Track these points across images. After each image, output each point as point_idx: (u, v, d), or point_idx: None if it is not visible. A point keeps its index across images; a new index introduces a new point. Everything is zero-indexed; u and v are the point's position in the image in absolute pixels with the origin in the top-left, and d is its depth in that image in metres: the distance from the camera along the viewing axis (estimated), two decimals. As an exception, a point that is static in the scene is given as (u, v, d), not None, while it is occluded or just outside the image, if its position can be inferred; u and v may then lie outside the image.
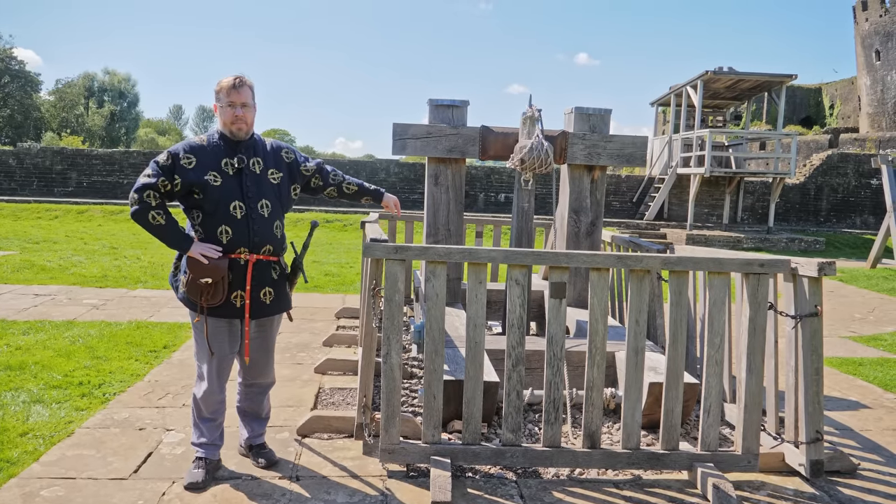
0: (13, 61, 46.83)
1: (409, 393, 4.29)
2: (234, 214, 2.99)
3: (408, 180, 20.88)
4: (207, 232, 3.00)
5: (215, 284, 2.95)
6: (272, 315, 3.20)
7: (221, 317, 3.05)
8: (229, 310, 3.04)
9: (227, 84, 3.01)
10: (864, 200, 21.61)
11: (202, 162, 3.00)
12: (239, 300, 3.04)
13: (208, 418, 3.18)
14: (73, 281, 8.40)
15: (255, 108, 3.10)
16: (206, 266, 2.94)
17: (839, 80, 40.03)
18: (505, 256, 3.18)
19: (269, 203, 3.08)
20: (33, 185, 20.70)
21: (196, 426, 3.21)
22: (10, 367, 4.69)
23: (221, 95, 3.03)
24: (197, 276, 2.95)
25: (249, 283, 3.03)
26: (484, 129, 4.99)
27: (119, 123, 56.89)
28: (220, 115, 3.07)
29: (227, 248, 3.00)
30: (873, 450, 3.84)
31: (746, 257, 3.34)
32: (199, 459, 3.14)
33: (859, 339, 6.91)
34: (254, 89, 3.08)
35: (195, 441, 3.20)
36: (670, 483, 3.28)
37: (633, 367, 3.23)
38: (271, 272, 3.12)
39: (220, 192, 2.99)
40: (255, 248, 3.03)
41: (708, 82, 17.96)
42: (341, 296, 8.12)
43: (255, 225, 3.03)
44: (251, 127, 3.10)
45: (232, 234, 2.99)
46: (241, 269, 3.02)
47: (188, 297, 3.02)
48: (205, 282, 2.93)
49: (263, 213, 3.05)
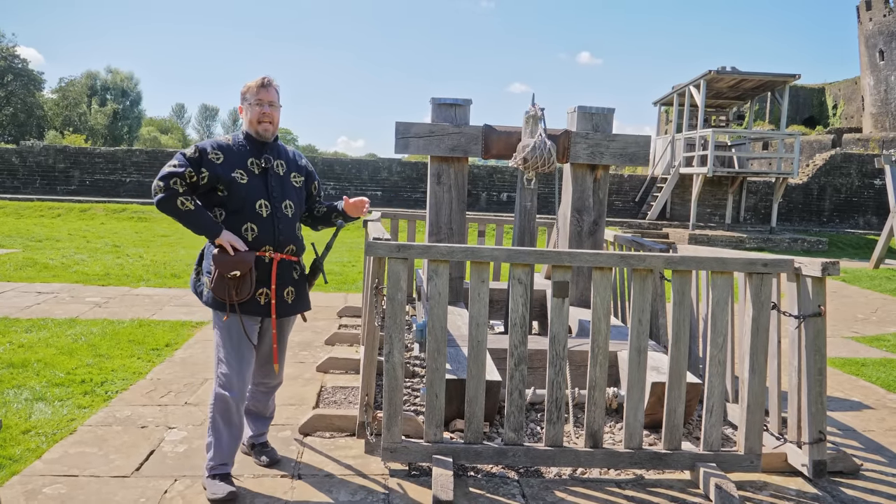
0: (16, 60, 46.90)
1: (412, 392, 4.29)
2: (259, 213, 2.99)
3: (410, 179, 20.87)
4: (231, 230, 2.98)
5: (243, 277, 2.92)
6: (293, 314, 3.19)
7: (249, 314, 3.01)
8: (255, 307, 3.01)
9: (255, 83, 3.04)
10: (868, 201, 21.56)
11: (229, 160, 2.99)
12: (263, 298, 3.01)
13: (237, 424, 3.04)
14: (76, 279, 8.42)
15: (280, 109, 3.11)
16: (233, 259, 2.91)
17: (842, 80, 39.96)
18: (507, 255, 3.18)
19: (292, 204, 3.10)
20: (36, 183, 20.74)
21: (218, 444, 3.00)
22: (12, 364, 4.70)
23: (249, 95, 3.04)
24: (224, 270, 2.91)
25: (275, 281, 3.02)
26: (487, 128, 4.98)
27: (122, 122, 56.93)
28: (246, 114, 3.07)
29: (252, 246, 2.98)
30: (876, 450, 3.83)
31: (750, 257, 3.33)
32: (217, 475, 3.00)
33: (862, 340, 6.89)
34: (279, 91, 3.10)
35: (216, 462, 3.00)
36: (672, 483, 3.28)
37: (635, 367, 3.22)
38: (293, 272, 3.12)
39: (247, 189, 2.98)
40: (279, 248, 3.04)
41: (711, 82, 17.93)
42: (343, 294, 8.13)
43: (280, 224, 3.03)
44: (276, 128, 3.11)
45: (258, 233, 2.98)
46: (266, 267, 3.01)
47: (215, 296, 2.96)
48: (233, 275, 2.90)
49: (287, 213, 3.07)
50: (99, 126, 52.63)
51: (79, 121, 51.35)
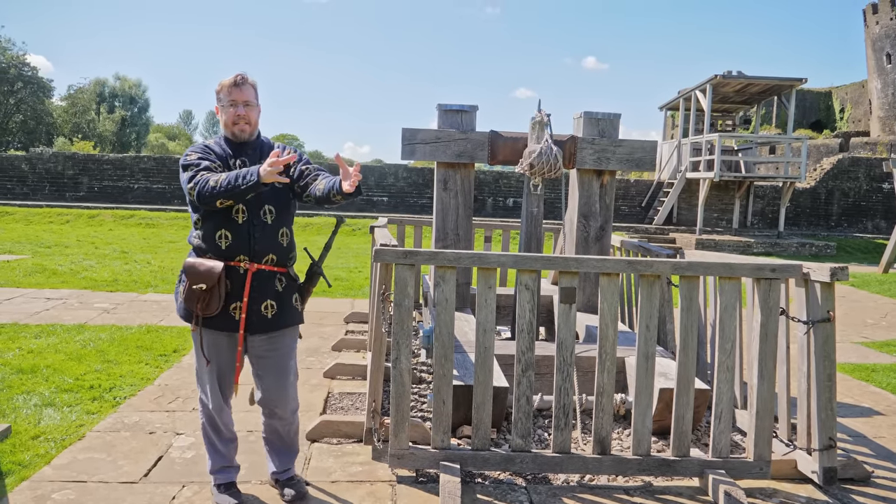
0: (26, 67, 47.29)
1: (419, 398, 4.29)
2: (234, 219, 2.80)
3: (416, 185, 20.89)
4: (206, 236, 2.83)
5: (210, 290, 2.74)
6: (275, 330, 2.91)
7: (218, 329, 2.85)
8: (227, 322, 2.83)
9: (227, 83, 2.85)
10: (876, 205, 21.44)
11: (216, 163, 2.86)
12: (237, 312, 2.82)
13: (224, 431, 3.01)
14: (84, 285, 8.46)
15: (258, 108, 2.94)
16: (201, 271, 2.76)
17: (849, 83, 39.82)
18: (514, 261, 3.18)
19: (272, 209, 2.87)
20: (45, 189, 20.88)
21: (212, 449, 3.01)
22: (22, 370, 4.72)
23: (222, 95, 2.87)
24: (192, 281, 2.77)
25: (248, 294, 2.81)
26: (493, 134, 4.99)
27: (130, 128, 57.30)
28: (221, 116, 2.91)
29: (225, 254, 2.81)
30: (887, 457, 3.80)
31: (758, 262, 3.32)
32: (220, 485, 2.99)
33: (872, 345, 6.85)
34: (257, 88, 2.92)
35: (214, 468, 3.00)
36: (681, 490, 3.26)
37: (643, 373, 3.21)
38: (275, 283, 2.89)
39: None
40: (255, 257, 2.83)
41: (717, 86, 17.89)
42: (350, 300, 8.13)
43: (257, 232, 2.82)
44: (255, 127, 2.94)
45: (231, 240, 2.80)
46: (241, 278, 2.81)
47: (185, 306, 2.85)
48: (199, 288, 2.75)
49: (266, 219, 2.85)
50: (107, 133, 52.98)
51: (87, 128, 51.71)
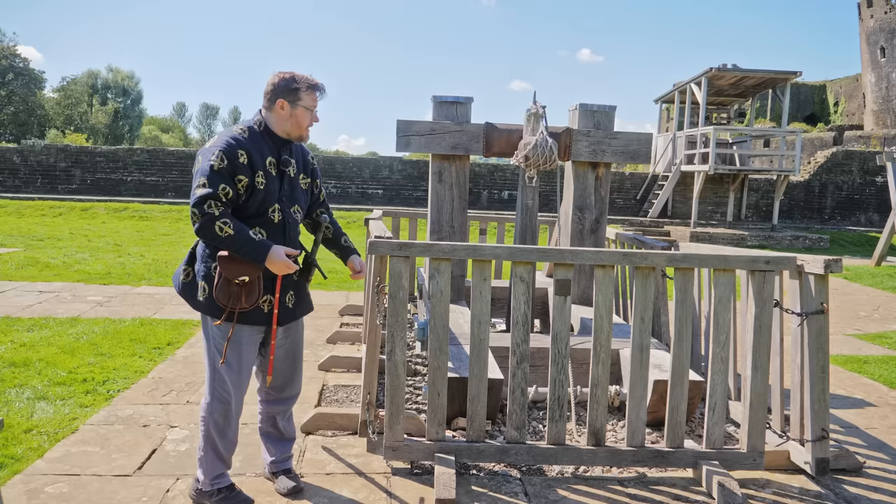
0: (17, 59, 46.94)
1: (413, 390, 4.29)
2: (271, 218, 2.79)
3: (411, 177, 20.86)
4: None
5: (251, 283, 2.69)
6: (296, 319, 2.97)
7: (249, 323, 2.79)
8: (257, 316, 2.79)
9: (313, 84, 2.80)
10: (869, 198, 21.54)
11: (252, 159, 2.72)
12: (267, 305, 2.81)
13: (231, 440, 2.90)
14: (77, 278, 8.42)
15: None
16: (242, 263, 2.67)
17: (843, 77, 39.92)
18: (509, 253, 3.17)
19: (300, 208, 2.93)
20: (37, 182, 20.75)
21: (214, 457, 2.86)
22: (14, 363, 4.70)
23: (304, 96, 2.78)
24: (232, 275, 2.66)
25: (279, 289, 2.82)
26: (488, 126, 4.97)
27: (123, 121, 57.01)
28: (289, 114, 2.79)
29: None
30: (879, 448, 3.83)
31: (752, 254, 3.33)
32: (222, 489, 2.88)
33: (864, 337, 6.89)
34: None
35: (214, 475, 2.87)
36: (675, 481, 3.27)
37: (637, 365, 3.22)
38: (292, 275, 2.91)
39: (264, 194, 2.75)
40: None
41: (712, 79, 17.90)
42: (345, 293, 8.12)
43: (290, 230, 2.87)
44: None
45: (266, 238, 2.74)
46: (271, 272, 2.76)
47: (219, 300, 2.69)
48: (241, 280, 2.66)
49: (297, 217, 2.91)
50: (100, 125, 52.71)
51: (80, 120, 51.42)
